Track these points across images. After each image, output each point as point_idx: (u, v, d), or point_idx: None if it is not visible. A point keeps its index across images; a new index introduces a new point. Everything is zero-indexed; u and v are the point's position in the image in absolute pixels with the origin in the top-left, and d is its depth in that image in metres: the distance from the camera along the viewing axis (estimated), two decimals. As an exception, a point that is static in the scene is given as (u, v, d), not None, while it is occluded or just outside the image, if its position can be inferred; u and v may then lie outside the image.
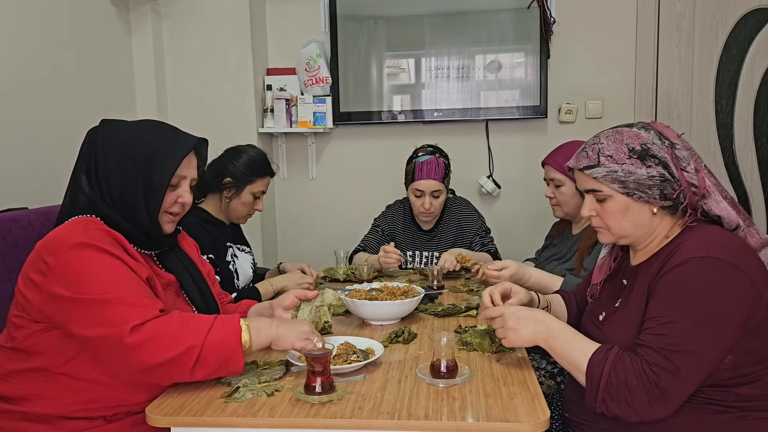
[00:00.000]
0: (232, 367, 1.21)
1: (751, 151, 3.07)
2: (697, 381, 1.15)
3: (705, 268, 1.15)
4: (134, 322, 1.14)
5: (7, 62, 2.03)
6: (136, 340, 1.13)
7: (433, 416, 1.10)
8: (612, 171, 1.23)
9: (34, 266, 1.23)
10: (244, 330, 1.23)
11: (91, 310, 1.16)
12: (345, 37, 3.16)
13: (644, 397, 1.13)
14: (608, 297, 1.39)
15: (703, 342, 1.13)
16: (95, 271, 1.19)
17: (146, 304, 1.19)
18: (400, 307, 1.67)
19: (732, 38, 3.01)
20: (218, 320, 1.22)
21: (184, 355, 1.15)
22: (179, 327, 1.17)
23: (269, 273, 2.39)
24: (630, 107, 3.09)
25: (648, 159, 1.22)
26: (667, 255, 1.23)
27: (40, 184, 2.11)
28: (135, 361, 1.15)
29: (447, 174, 2.37)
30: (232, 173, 2.10)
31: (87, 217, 1.30)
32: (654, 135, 1.24)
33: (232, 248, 2.17)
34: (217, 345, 1.18)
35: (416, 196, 2.37)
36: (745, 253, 1.20)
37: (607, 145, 1.26)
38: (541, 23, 3.01)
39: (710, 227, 1.24)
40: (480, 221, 2.50)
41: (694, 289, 1.15)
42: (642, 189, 1.23)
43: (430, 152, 2.38)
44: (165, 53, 3.00)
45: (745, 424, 1.18)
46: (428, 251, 2.49)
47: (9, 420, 1.26)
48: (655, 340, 1.15)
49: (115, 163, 1.32)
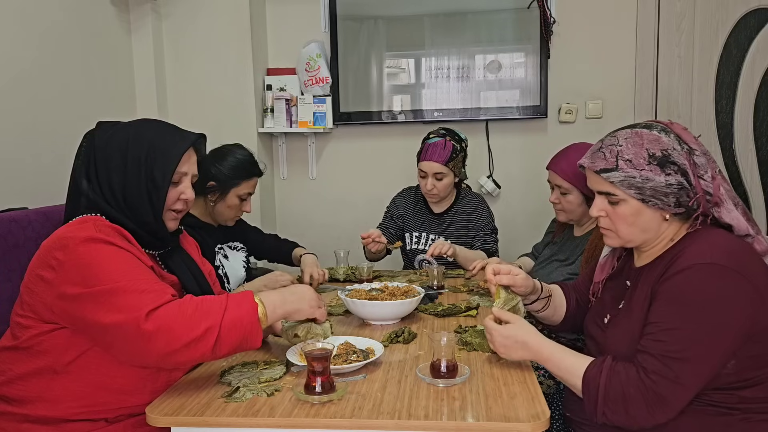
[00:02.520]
0: (252, 343, 1.22)
1: (751, 151, 3.07)
2: (697, 387, 1.14)
3: (708, 274, 1.13)
4: (149, 307, 1.14)
5: (7, 62, 2.03)
6: (152, 327, 1.12)
7: (433, 416, 1.10)
8: (630, 177, 1.20)
9: (44, 263, 1.22)
10: (260, 304, 1.24)
11: (105, 299, 1.15)
12: (345, 37, 3.16)
13: (643, 405, 1.12)
14: (612, 298, 1.38)
15: (703, 350, 1.12)
16: (105, 262, 1.19)
17: (158, 290, 1.19)
18: (400, 307, 1.67)
19: (732, 38, 3.01)
20: (231, 299, 1.22)
21: (203, 337, 1.15)
22: (194, 310, 1.17)
23: (298, 255, 2.33)
24: (630, 107, 3.09)
25: (668, 166, 1.19)
26: (671, 259, 1.21)
27: (40, 184, 2.11)
28: (154, 348, 1.13)
29: (454, 158, 2.37)
30: (215, 176, 2.04)
31: (93, 215, 1.30)
32: (674, 139, 1.21)
33: (222, 250, 2.14)
34: (236, 323, 1.18)
35: (421, 177, 2.43)
36: (751, 259, 1.18)
37: (626, 149, 1.22)
38: (541, 23, 3.01)
39: (716, 231, 1.22)
40: (488, 219, 2.51)
41: (697, 296, 1.13)
42: (658, 196, 1.20)
43: (442, 135, 2.41)
44: (165, 53, 3.00)
45: (748, 426, 1.18)
46: (435, 235, 2.51)
47: (11, 422, 1.26)
48: (655, 347, 1.14)
49: (116, 163, 1.32)
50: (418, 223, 2.56)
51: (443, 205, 2.52)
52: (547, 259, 2.19)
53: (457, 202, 2.52)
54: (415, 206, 2.58)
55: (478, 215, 2.50)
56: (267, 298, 1.28)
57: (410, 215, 2.58)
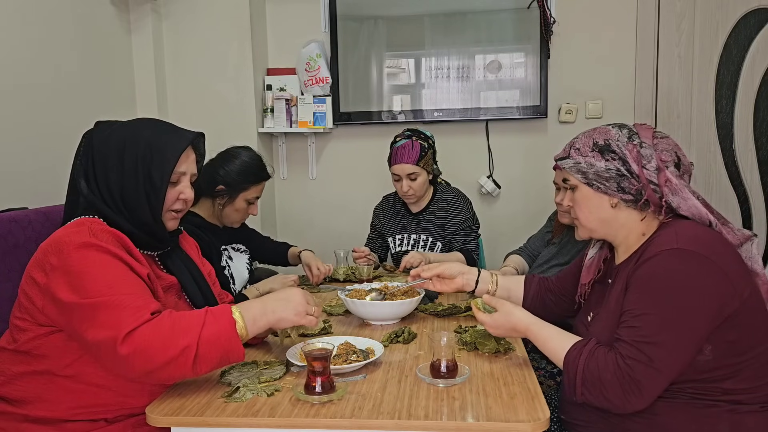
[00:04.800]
0: (233, 358, 1.20)
1: (751, 151, 3.06)
2: (672, 373, 1.16)
3: (674, 259, 1.18)
4: (127, 328, 1.12)
5: (8, 62, 2.03)
6: (128, 350, 1.11)
7: (433, 416, 1.10)
8: (577, 162, 1.32)
9: (39, 266, 1.22)
10: (238, 319, 1.21)
11: (89, 313, 1.15)
12: (345, 37, 3.16)
13: (619, 390, 1.16)
14: (597, 298, 1.42)
15: (674, 333, 1.15)
16: (94, 272, 1.18)
17: (139, 306, 1.17)
18: (400, 307, 1.67)
19: (732, 38, 3.01)
20: (209, 314, 1.20)
21: (180, 356, 1.13)
22: (170, 329, 1.15)
23: (298, 254, 2.35)
24: (630, 107, 3.09)
25: (607, 153, 1.29)
26: (643, 250, 1.27)
27: (40, 184, 2.10)
28: (131, 370, 1.14)
29: (423, 156, 2.39)
30: (224, 180, 2.04)
31: (90, 218, 1.29)
32: (624, 133, 1.30)
33: (227, 251, 2.14)
34: (214, 340, 1.16)
35: (395, 180, 2.45)
36: (718, 244, 1.22)
37: (579, 140, 1.35)
38: (541, 23, 3.01)
39: (684, 222, 1.27)
40: (467, 215, 2.50)
41: (664, 281, 1.18)
42: (600, 181, 1.29)
43: (407, 136, 2.43)
44: (165, 53, 3.00)
45: (736, 418, 1.20)
46: (416, 234, 2.53)
47: (11, 422, 1.26)
48: (629, 333, 1.18)
49: (114, 164, 1.31)
50: (398, 226, 2.58)
51: (421, 204, 2.54)
52: (547, 261, 2.19)
53: (434, 198, 2.54)
54: (394, 210, 2.61)
55: (456, 211, 2.50)
56: (247, 311, 1.25)
57: (390, 220, 2.61)
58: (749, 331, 1.20)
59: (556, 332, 1.30)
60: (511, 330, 1.35)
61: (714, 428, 1.20)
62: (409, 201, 2.52)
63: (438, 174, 2.55)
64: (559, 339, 1.28)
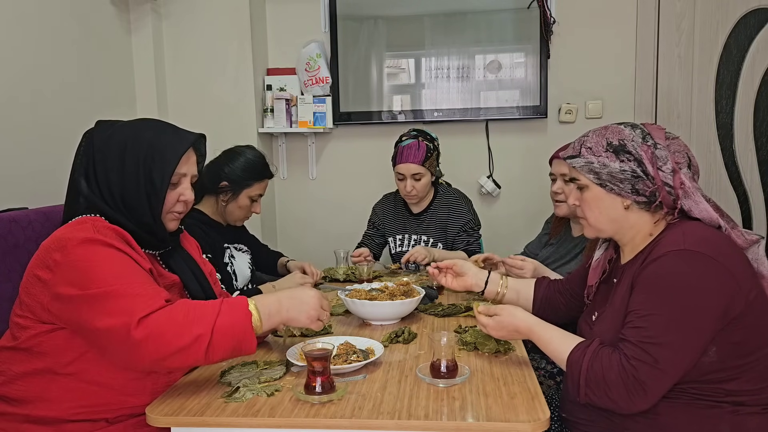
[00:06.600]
0: (245, 350, 1.20)
1: (751, 151, 3.06)
2: (677, 373, 1.16)
3: (681, 260, 1.17)
4: (141, 314, 1.13)
5: (8, 62, 2.03)
6: (141, 335, 1.11)
7: (433, 416, 1.10)
8: (589, 162, 1.29)
9: (42, 263, 1.22)
10: (254, 312, 1.22)
11: (99, 303, 1.15)
12: (345, 37, 3.16)
13: (623, 391, 1.15)
14: (601, 298, 1.42)
15: (680, 333, 1.14)
16: (101, 265, 1.18)
17: (151, 294, 1.18)
18: (400, 307, 1.67)
19: (732, 38, 3.01)
20: (225, 304, 1.20)
21: (194, 343, 1.13)
22: (185, 316, 1.15)
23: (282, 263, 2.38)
24: (630, 107, 3.09)
25: (622, 154, 1.26)
26: (649, 250, 1.26)
27: (40, 184, 2.10)
28: (144, 355, 1.13)
29: (429, 157, 2.39)
30: (228, 177, 2.07)
31: (91, 216, 1.29)
32: (638, 134, 1.28)
33: (229, 249, 2.16)
34: (228, 329, 1.17)
35: (399, 179, 2.45)
36: (725, 246, 1.22)
37: (590, 138, 1.32)
38: (541, 23, 3.01)
39: (691, 223, 1.26)
40: (469, 216, 2.51)
41: (670, 282, 1.17)
42: (614, 182, 1.27)
43: (413, 136, 2.43)
44: (165, 53, 3.00)
45: (738, 419, 1.20)
46: (417, 235, 2.53)
47: (12, 422, 1.26)
48: (634, 334, 1.18)
49: (114, 164, 1.31)
50: (398, 225, 2.58)
51: (422, 205, 2.54)
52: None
53: (435, 200, 2.54)
54: (395, 210, 2.61)
55: (457, 212, 2.51)
56: (264, 306, 1.25)
57: (390, 219, 2.61)
58: (754, 333, 1.20)
59: (558, 333, 1.30)
60: (514, 332, 1.34)
61: (715, 429, 1.20)
62: (411, 201, 2.52)
63: (440, 176, 2.55)
64: (562, 340, 1.28)
